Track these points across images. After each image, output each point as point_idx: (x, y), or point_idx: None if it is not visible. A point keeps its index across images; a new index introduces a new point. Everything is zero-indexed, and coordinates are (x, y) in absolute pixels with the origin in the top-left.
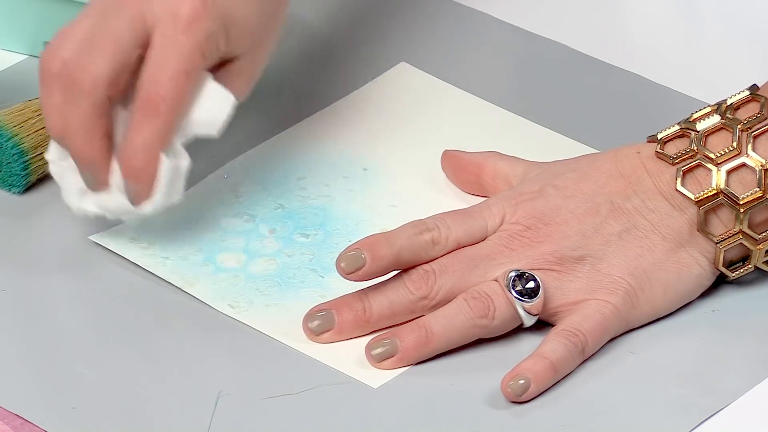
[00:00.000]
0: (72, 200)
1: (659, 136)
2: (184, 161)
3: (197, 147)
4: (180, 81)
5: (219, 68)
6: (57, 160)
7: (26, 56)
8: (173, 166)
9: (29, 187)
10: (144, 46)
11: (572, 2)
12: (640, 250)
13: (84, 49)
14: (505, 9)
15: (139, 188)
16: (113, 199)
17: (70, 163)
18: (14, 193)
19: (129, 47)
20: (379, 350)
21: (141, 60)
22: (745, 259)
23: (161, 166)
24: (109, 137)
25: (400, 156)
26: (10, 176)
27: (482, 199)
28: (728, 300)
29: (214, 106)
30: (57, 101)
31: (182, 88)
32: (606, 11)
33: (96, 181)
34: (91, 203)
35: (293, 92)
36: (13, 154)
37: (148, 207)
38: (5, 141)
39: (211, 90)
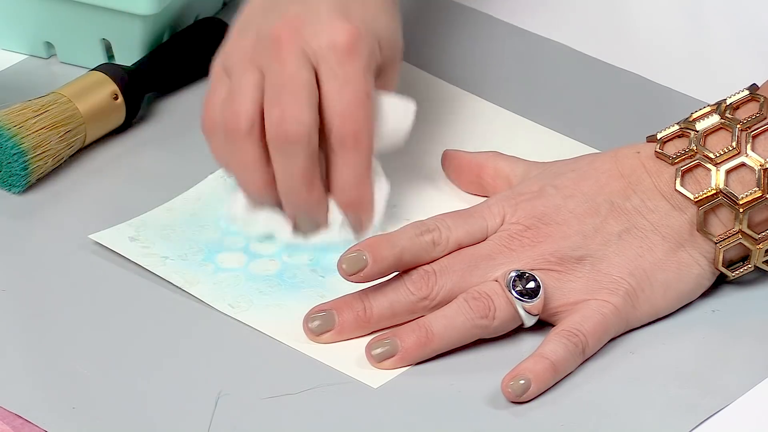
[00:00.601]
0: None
1: (659, 136)
2: (385, 180)
3: (199, 147)
4: (366, 106)
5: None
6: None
7: (26, 56)
8: (381, 186)
9: (29, 187)
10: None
11: (573, 2)
12: (640, 250)
13: (269, 101)
14: (505, 9)
15: (363, 218)
16: (332, 235)
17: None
18: (14, 193)
19: (314, 89)
20: (379, 350)
21: None
22: (744, 258)
23: (375, 191)
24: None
25: (401, 156)
26: (10, 176)
27: (482, 199)
28: (728, 300)
29: (397, 118)
30: (256, 157)
31: (370, 112)
32: (606, 11)
33: (317, 224)
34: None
35: None
36: (13, 154)
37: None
38: (5, 141)
39: (388, 104)
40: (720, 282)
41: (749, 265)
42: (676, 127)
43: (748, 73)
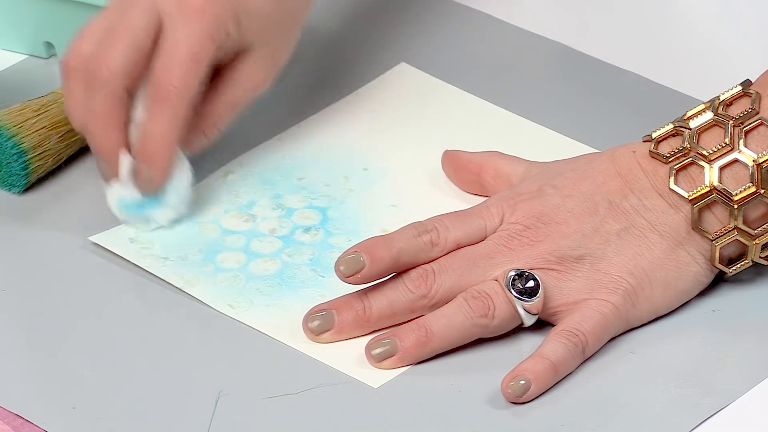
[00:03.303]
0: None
1: (653, 135)
2: (189, 172)
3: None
4: (186, 66)
5: (235, 58)
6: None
7: (26, 56)
8: (184, 169)
9: (29, 187)
10: (157, 36)
11: (572, 2)
12: (638, 249)
13: (101, 43)
14: (505, 9)
15: (152, 174)
16: (126, 190)
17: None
18: (14, 193)
19: (142, 38)
20: (379, 350)
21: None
22: (742, 255)
23: (174, 157)
24: (126, 128)
25: (400, 156)
26: (10, 176)
27: (483, 199)
28: (728, 300)
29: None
30: (78, 95)
31: (192, 75)
32: (605, 11)
33: (111, 170)
34: (110, 198)
35: (294, 92)
36: (13, 154)
37: (160, 210)
38: (5, 141)
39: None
40: (720, 282)
41: (746, 261)
42: (671, 125)
43: (748, 72)
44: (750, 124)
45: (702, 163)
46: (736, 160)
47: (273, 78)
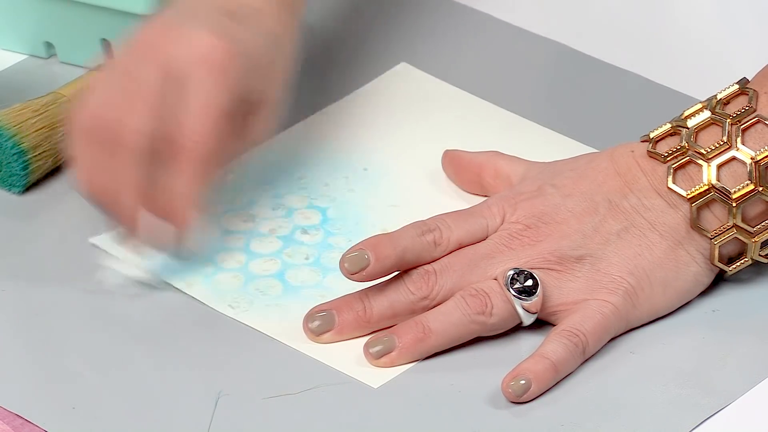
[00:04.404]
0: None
1: (651, 135)
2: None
3: None
4: (209, 123)
5: (248, 110)
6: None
7: (26, 56)
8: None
9: (29, 187)
10: (172, 94)
11: (572, 2)
12: (639, 248)
13: (119, 104)
14: (505, 9)
15: (180, 233)
16: (145, 253)
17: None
18: (14, 193)
19: (162, 96)
20: (377, 347)
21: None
22: (742, 254)
23: (196, 215)
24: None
25: (401, 156)
26: (10, 176)
27: (483, 199)
28: (728, 300)
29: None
30: (93, 159)
31: (217, 131)
32: (605, 11)
33: (131, 234)
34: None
35: (293, 92)
36: (13, 154)
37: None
38: (5, 141)
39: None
40: (720, 281)
41: (746, 259)
42: (668, 125)
43: (748, 72)
44: (747, 121)
45: (700, 161)
46: (733, 158)
47: (272, 126)
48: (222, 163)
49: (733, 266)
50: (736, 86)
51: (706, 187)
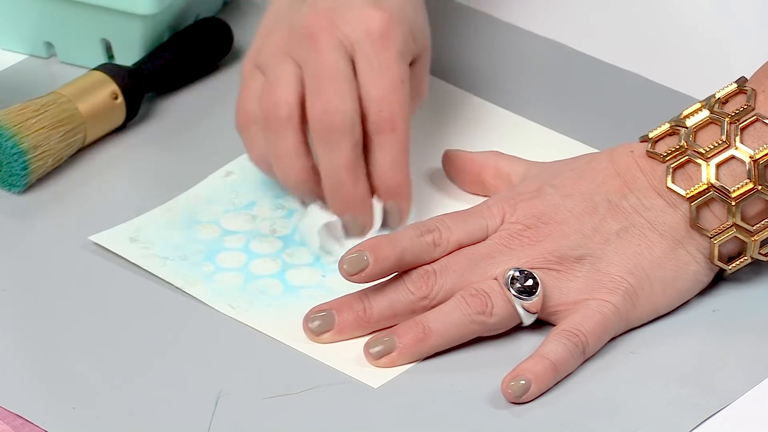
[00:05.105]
0: (314, 247)
1: (650, 135)
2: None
3: (199, 146)
4: (401, 91)
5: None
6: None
7: (26, 56)
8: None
9: (29, 187)
10: (355, 72)
11: (572, 2)
12: (638, 248)
13: (310, 91)
14: (505, 9)
15: (402, 206)
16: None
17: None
18: (14, 193)
19: (351, 77)
20: (377, 348)
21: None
22: (742, 252)
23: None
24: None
25: None
26: (10, 176)
27: (483, 199)
28: (728, 300)
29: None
30: (294, 147)
31: (405, 97)
32: (605, 11)
33: (363, 225)
34: (338, 246)
35: None
36: (13, 154)
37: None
38: (5, 141)
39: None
40: (719, 281)
41: (745, 258)
42: (667, 125)
43: (747, 72)
44: (746, 120)
45: (699, 160)
46: (732, 157)
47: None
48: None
49: (733, 265)
50: (735, 85)
51: (706, 187)
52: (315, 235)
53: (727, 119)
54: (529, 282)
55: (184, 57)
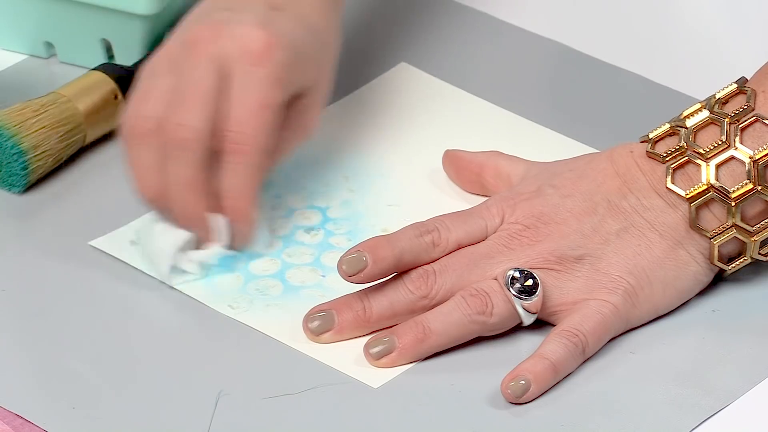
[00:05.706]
0: (164, 267)
1: (650, 136)
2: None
3: None
4: (261, 116)
5: (293, 102)
6: (142, 236)
7: (26, 56)
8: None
9: (29, 187)
10: (223, 88)
11: (572, 2)
12: (638, 248)
13: (170, 104)
14: (505, 9)
15: (243, 229)
16: (212, 250)
17: (160, 228)
18: (14, 193)
19: (214, 93)
20: (377, 348)
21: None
22: (742, 253)
23: (257, 207)
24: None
25: (400, 156)
26: (10, 176)
27: (483, 199)
28: (728, 300)
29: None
30: (150, 162)
31: (266, 123)
32: (605, 11)
33: (202, 239)
34: (188, 262)
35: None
36: (13, 154)
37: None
38: (5, 141)
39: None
40: (719, 281)
41: (745, 258)
42: (667, 125)
43: (747, 72)
44: (746, 120)
45: (698, 161)
46: (732, 158)
47: (318, 118)
48: (275, 157)
49: (733, 265)
50: (735, 85)
51: (705, 187)
52: (166, 253)
53: (726, 120)
54: (529, 282)
55: None
